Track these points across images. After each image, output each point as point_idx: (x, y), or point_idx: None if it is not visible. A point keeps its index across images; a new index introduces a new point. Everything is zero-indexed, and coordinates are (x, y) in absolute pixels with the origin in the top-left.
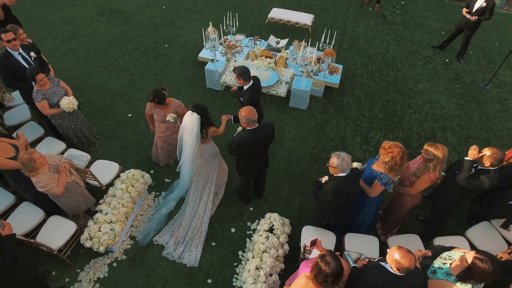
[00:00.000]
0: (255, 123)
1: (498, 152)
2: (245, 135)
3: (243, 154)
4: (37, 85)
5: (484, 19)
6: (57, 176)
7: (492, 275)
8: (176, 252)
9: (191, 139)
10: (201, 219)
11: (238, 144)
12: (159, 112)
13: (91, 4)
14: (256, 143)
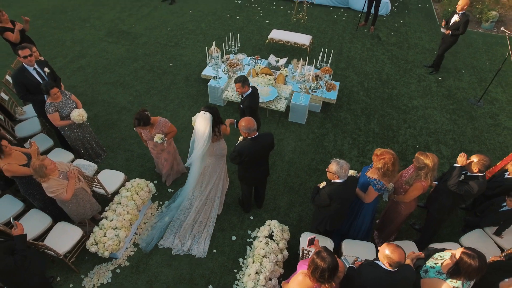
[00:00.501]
0: (255, 132)
1: (485, 159)
2: (246, 143)
3: (244, 162)
4: (49, 98)
5: (459, 33)
6: (66, 182)
7: (479, 271)
8: (185, 246)
9: (203, 138)
10: (208, 214)
11: (239, 152)
12: (146, 132)
13: (100, 26)
14: (257, 151)
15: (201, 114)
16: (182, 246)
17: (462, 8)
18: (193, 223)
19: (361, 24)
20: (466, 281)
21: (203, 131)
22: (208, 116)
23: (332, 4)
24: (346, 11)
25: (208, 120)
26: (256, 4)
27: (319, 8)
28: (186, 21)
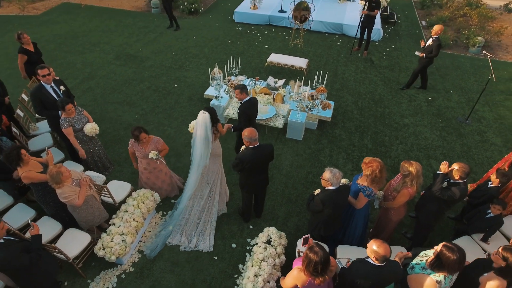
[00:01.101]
0: (256, 142)
1: (465, 166)
2: (247, 152)
3: (245, 169)
4: (64, 114)
5: (432, 56)
6: (79, 189)
7: (459, 263)
8: (192, 244)
9: (203, 135)
10: (210, 211)
11: (240, 160)
12: (140, 149)
13: (109, 50)
14: (257, 159)
15: (201, 113)
16: (189, 243)
17: (436, 33)
18: (198, 221)
19: (354, 49)
20: (448, 275)
21: (204, 127)
22: (207, 115)
23: (327, 30)
24: (341, 37)
25: (207, 118)
26: (256, 31)
27: (315, 34)
28: (190, 46)
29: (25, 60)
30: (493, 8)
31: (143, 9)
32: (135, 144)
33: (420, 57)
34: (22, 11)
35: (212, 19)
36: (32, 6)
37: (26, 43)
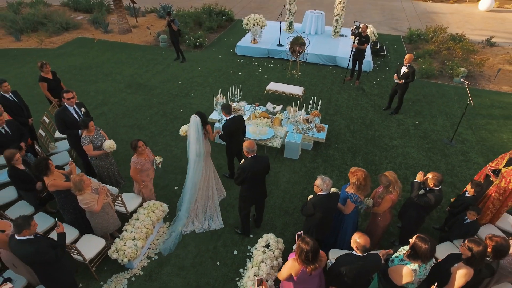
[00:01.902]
0: (254, 153)
1: (438, 175)
2: (248, 161)
3: (247, 179)
4: (86, 132)
5: (409, 81)
6: (97, 196)
7: (430, 252)
8: (205, 226)
9: (196, 135)
10: (212, 198)
11: (243, 169)
12: (143, 161)
13: (120, 80)
14: (257, 169)
15: (193, 117)
16: (202, 226)
17: (409, 61)
18: (204, 209)
19: (347, 78)
20: (422, 264)
21: (196, 128)
22: (198, 118)
23: (322, 62)
24: (334, 68)
25: (198, 121)
26: (256, 63)
27: (311, 66)
28: (195, 76)
29: (46, 87)
30: (476, 42)
31: (151, 43)
32: (139, 160)
33: (400, 83)
34: (40, 44)
35: (216, 52)
36: (49, 40)
37: (45, 72)
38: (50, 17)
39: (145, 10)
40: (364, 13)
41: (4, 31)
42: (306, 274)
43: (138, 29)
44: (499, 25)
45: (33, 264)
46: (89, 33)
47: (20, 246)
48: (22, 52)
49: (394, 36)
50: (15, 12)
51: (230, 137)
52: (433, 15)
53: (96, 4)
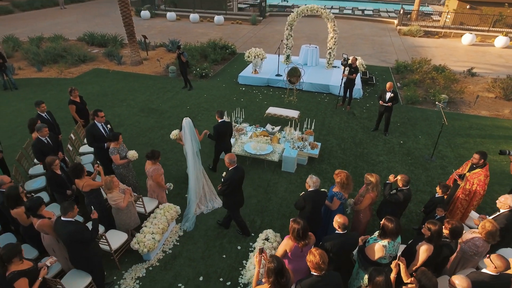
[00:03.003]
0: (234, 164)
1: (405, 177)
2: (231, 172)
3: (231, 187)
4: (114, 144)
5: (395, 103)
6: (123, 196)
7: (396, 229)
8: (209, 207)
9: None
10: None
11: (229, 179)
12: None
13: (134, 105)
14: (238, 178)
15: (184, 119)
16: (207, 207)
17: (390, 88)
18: (205, 195)
19: (339, 104)
20: (391, 241)
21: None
22: (189, 119)
23: (316, 90)
24: (328, 95)
25: (190, 122)
26: (257, 91)
27: (306, 93)
28: (201, 102)
29: (75, 109)
30: (458, 73)
31: (161, 73)
32: (158, 167)
33: (388, 106)
34: (60, 74)
35: (220, 82)
36: (68, 71)
37: (74, 96)
38: (69, 50)
39: (155, 44)
40: (356, 47)
41: (27, 63)
42: (299, 250)
43: (148, 61)
44: (480, 57)
45: (72, 243)
46: (104, 65)
47: (64, 225)
48: (44, 81)
49: (383, 67)
50: (37, 46)
51: (219, 136)
52: (419, 49)
53: (111, 39)
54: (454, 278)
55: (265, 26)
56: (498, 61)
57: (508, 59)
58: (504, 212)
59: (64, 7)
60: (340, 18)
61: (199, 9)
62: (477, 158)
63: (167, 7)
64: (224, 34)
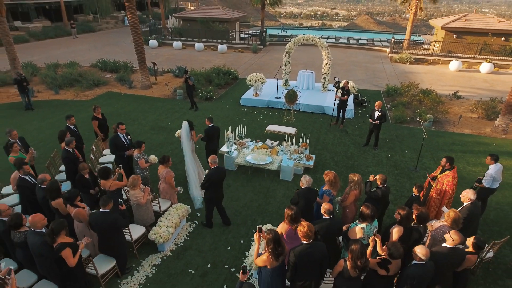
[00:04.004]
0: (216, 164)
1: (383, 176)
2: (211, 171)
3: (211, 184)
4: (137, 151)
5: (383, 121)
6: (143, 193)
7: (371, 213)
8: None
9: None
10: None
11: (209, 176)
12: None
13: (145, 124)
14: (218, 176)
15: (184, 122)
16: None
17: (379, 106)
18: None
19: (333, 123)
20: (368, 224)
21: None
22: (186, 122)
23: (312, 111)
24: (323, 115)
25: (187, 125)
26: (257, 111)
27: (303, 113)
28: None
29: (97, 124)
30: (444, 95)
31: (169, 96)
32: (170, 170)
33: (375, 123)
34: (75, 96)
35: (224, 103)
36: (83, 93)
37: (97, 113)
38: (84, 75)
39: (163, 70)
40: (350, 73)
41: (45, 86)
42: (292, 232)
43: (157, 85)
44: (466, 82)
45: (108, 231)
46: (116, 88)
47: (103, 216)
48: (61, 103)
49: (375, 91)
50: (54, 71)
51: (208, 138)
52: (409, 75)
53: (122, 65)
54: (416, 247)
55: (265, 54)
56: (483, 85)
57: (492, 84)
58: (467, 204)
59: (76, 37)
60: (336, 47)
61: (204, 39)
62: (444, 161)
63: (173, 37)
64: (227, 61)
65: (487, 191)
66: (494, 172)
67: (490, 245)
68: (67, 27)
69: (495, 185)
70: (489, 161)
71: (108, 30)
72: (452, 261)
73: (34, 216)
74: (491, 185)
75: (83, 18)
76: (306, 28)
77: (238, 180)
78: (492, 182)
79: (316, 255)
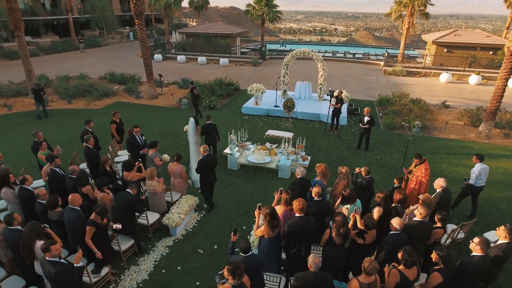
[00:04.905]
0: (207, 152)
1: (367, 168)
2: (203, 157)
3: (203, 170)
4: (153, 150)
5: (372, 125)
6: (158, 184)
7: (351, 196)
8: None
9: (191, 128)
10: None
11: (201, 162)
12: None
13: (154, 130)
14: (208, 162)
15: (190, 119)
16: None
17: (367, 112)
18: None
19: (328, 129)
20: (351, 205)
21: (193, 127)
22: (192, 119)
23: (309, 118)
24: (318, 122)
25: (192, 120)
26: (258, 119)
27: (300, 121)
28: None
29: (115, 127)
30: (433, 105)
31: (175, 106)
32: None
33: (365, 128)
34: (87, 106)
35: (226, 112)
36: (94, 103)
37: (116, 118)
38: (94, 86)
39: (168, 82)
40: (345, 84)
41: (58, 96)
42: (288, 213)
43: (163, 96)
44: (456, 92)
45: (127, 210)
46: (125, 98)
47: (124, 196)
48: (74, 112)
49: (369, 101)
50: (66, 83)
51: (205, 134)
52: (402, 86)
53: (129, 77)
54: (392, 220)
55: (265, 67)
56: (471, 95)
57: (480, 94)
58: (439, 191)
59: (84, 51)
60: (333, 60)
61: (206, 53)
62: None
63: (177, 51)
64: (229, 74)
65: (474, 189)
66: (478, 170)
67: (459, 225)
68: (75, 42)
69: (479, 183)
70: (474, 160)
71: (114, 45)
72: (421, 232)
73: (73, 195)
74: (475, 182)
75: (90, 34)
76: (305, 43)
77: (241, 178)
78: (476, 180)
79: (306, 226)
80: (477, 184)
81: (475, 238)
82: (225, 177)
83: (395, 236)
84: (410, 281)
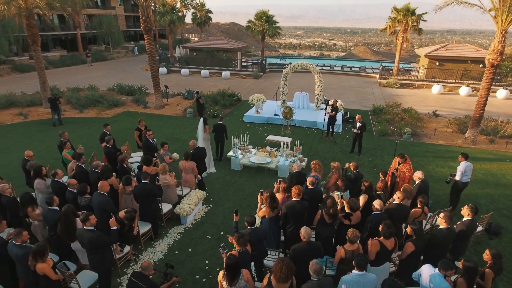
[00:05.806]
0: (195, 145)
1: (355, 163)
2: (194, 151)
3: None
4: (162, 150)
5: (363, 131)
6: (171, 177)
7: (341, 185)
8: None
9: (200, 127)
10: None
11: (193, 155)
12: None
13: (161, 136)
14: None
15: (200, 119)
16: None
17: (359, 119)
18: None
19: (324, 135)
20: (340, 193)
21: (202, 126)
22: (202, 119)
23: (306, 126)
24: (315, 130)
25: (201, 120)
26: (259, 126)
27: (298, 128)
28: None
29: (138, 134)
30: (424, 114)
31: (180, 115)
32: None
33: (357, 133)
34: (98, 114)
35: (229, 120)
36: (104, 112)
37: (141, 125)
38: (104, 97)
39: (173, 93)
40: (342, 96)
41: (70, 106)
42: (285, 199)
43: (169, 106)
44: (446, 103)
45: (149, 197)
46: (133, 108)
47: (146, 186)
48: (86, 120)
49: (363, 110)
50: (77, 94)
51: (215, 131)
52: (395, 97)
53: (137, 89)
54: (374, 202)
55: (265, 80)
56: (461, 106)
57: (470, 104)
58: (418, 182)
59: (91, 65)
60: (330, 73)
61: (209, 66)
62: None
63: (181, 65)
64: (231, 86)
65: (459, 185)
66: (464, 167)
67: (435, 212)
68: (83, 56)
69: (464, 179)
70: (460, 158)
71: (119, 59)
72: (399, 214)
73: (102, 182)
74: (461, 178)
75: (96, 48)
76: (304, 57)
77: (243, 177)
78: (462, 176)
79: (301, 208)
80: (463, 180)
81: (440, 213)
82: (229, 177)
83: (377, 215)
84: (389, 250)
